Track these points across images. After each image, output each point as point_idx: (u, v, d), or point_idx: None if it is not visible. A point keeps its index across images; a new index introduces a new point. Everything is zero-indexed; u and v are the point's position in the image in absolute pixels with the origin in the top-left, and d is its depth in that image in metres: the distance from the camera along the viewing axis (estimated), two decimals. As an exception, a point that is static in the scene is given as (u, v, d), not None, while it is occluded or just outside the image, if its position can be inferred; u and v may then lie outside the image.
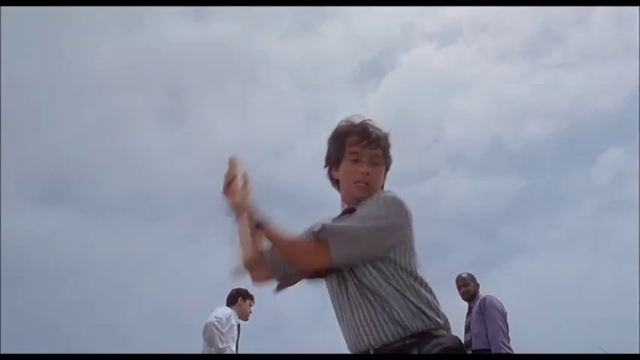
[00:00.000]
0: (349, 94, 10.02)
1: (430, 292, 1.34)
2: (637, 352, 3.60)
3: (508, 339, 3.70)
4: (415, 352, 1.27)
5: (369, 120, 1.48)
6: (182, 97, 9.44)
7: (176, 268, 7.62)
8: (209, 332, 3.94)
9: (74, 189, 8.83)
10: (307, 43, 10.27)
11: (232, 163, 1.49)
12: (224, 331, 3.99)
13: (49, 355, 3.69)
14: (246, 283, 4.59)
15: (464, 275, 4.31)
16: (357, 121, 1.47)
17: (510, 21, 10.18)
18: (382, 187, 1.50)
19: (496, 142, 9.76)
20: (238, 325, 4.25)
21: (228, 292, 4.37)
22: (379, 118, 1.51)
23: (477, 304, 4.03)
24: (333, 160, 1.51)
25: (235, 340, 4.14)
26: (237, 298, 4.33)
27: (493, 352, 3.66)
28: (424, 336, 1.28)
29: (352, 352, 1.38)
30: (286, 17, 10.03)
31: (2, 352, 4.56)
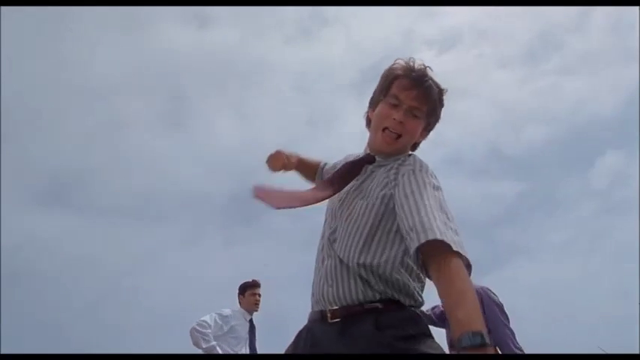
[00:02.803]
0: (349, 100, 10.06)
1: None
2: (637, 352, 3.60)
3: (515, 336, 3.25)
4: (371, 322, 1.12)
5: (429, 69, 1.27)
6: (184, 101, 9.48)
7: (177, 270, 7.63)
8: (192, 337, 3.99)
9: (76, 192, 8.85)
10: (308, 50, 10.32)
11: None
12: (209, 331, 3.96)
13: (49, 355, 3.69)
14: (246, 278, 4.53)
15: None
16: (416, 65, 1.27)
17: (509, 27, 10.24)
18: (415, 146, 1.35)
19: (495, 146, 9.80)
20: (250, 321, 4.24)
21: (228, 292, 4.39)
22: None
23: None
24: (374, 100, 1.33)
25: (243, 338, 4.13)
26: (238, 296, 4.32)
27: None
28: (390, 303, 1.15)
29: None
30: (287, 24, 10.08)
31: (2, 353, 4.57)
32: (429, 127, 1.32)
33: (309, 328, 1.26)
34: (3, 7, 5.87)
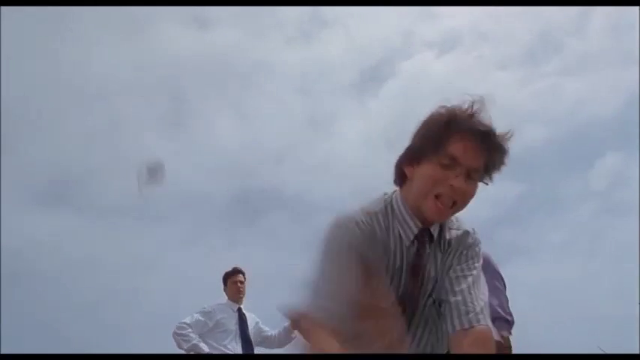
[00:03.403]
0: (349, 100, 10.08)
1: None
2: (637, 352, 3.60)
3: (507, 303, 2.99)
4: None
5: (488, 116, 1.05)
6: (184, 102, 9.48)
7: (177, 270, 7.64)
8: (175, 340, 3.89)
9: (76, 192, 8.85)
10: (308, 51, 10.32)
11: None
12: (188, 331, 3.85)
13: (49, 355, 3.69)
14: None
15: None
16: (476, 114, 1.04)
17: (509, 29, 10.23)
18: None
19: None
20: (239, 310, 4.11)
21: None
22: (380, 124, 1.11)
23: None
24: (415, 153, 1.08)
25: (231, 331, 3.97)
26: (223, 289, 4.22)
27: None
28: None
29: None
30: (287, 25, 10.08)
31: (2, 353, 4.57)
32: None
33: None
34: (3, 7, 5.87)
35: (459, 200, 1.06)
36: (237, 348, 3.97)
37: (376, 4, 7.74)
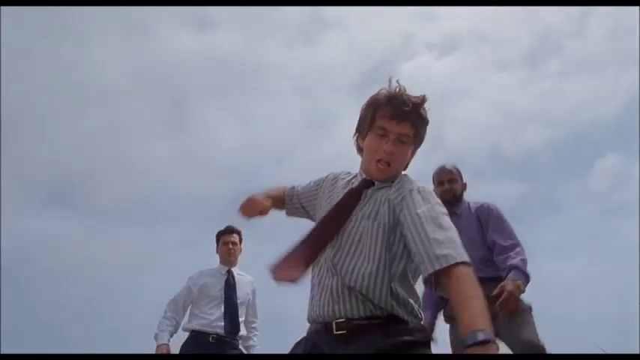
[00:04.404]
0: (350, 102, 10.09)
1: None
2: (637, 352, 3.60)
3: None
4: (379, 333, 1.19)
5: (406, 92, 1.34)
6: (185, 104, 9.50)
7: (178, 271, 7.65)
8: None
9: (77, 194, 8.86)
10: (309, 53, 10.32)
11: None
12: (158, 329, 3.60)
13: (49, 355, 3.70)
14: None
15: (450, 167, 2.86)
16: (395, 92, 1.35)
17: (509, 31, 10.24)
18: (406, 166, 1.42)
19: (495, 148, 9.82)
20: (228, 272, 3.75)
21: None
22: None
23: (469, 209, 2.84)
24: (361, 129, 1.42)
25: (215, 297, 3.63)
26: (216, 250, 3.87)
27: (510, 275, 2.61)
28: (392, 319, 1.22)
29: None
30: (288, 27, 10.09)
31: (2, 353, 4.57)
32: (417, 147, 1.41)
33: (308, 338, 1.30)
34: (3, 7, 5.88)
35: (394, 161, 1.35)
36: (219, 314, 3.61)
37: (376, 4, 7.75)
